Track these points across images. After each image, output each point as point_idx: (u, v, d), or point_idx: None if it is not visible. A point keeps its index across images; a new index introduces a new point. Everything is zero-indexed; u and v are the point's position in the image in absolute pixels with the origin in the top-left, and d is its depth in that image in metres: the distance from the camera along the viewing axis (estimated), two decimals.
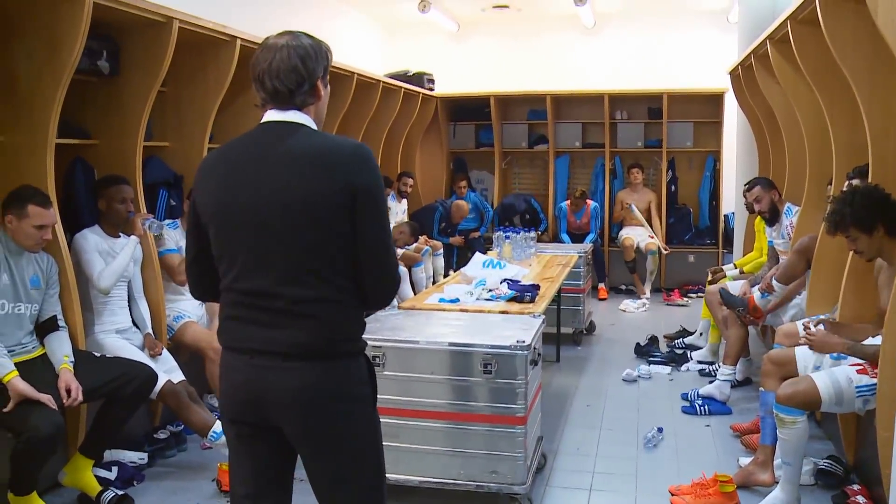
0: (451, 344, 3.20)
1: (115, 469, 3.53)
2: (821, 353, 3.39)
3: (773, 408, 3.28)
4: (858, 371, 3.15)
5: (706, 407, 4.52)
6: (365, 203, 1.84)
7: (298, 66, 1.88)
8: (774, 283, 4.36)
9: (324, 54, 1.94)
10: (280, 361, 1.87)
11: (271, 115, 1.92)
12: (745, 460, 3.69)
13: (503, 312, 3.79)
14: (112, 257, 3.72)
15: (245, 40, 4.50)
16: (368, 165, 1.87)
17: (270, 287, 1.86)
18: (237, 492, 2.04)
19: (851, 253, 3.49)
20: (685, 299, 7.90)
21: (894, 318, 2.91)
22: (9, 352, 3.11)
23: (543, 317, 3.65)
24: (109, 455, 3.63)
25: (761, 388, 3.66)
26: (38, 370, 3.18)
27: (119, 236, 3.82)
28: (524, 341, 3.14)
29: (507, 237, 5.48)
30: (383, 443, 2.10)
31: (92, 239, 3.72)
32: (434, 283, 7.29)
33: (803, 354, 3.57)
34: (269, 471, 2.01)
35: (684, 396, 4.75)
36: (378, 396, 2.03)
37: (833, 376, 3.16)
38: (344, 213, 1.83)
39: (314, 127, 1.94)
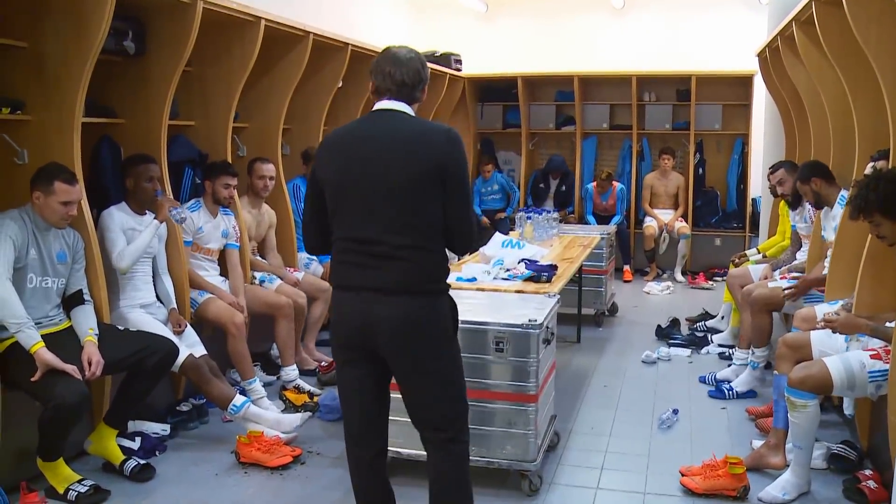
0: (464, 322, 3.21)
1: (138, 439, 3.64)
2: (846, 334, 3.36)
3: (784, 391, 3.28)
4: (872, 356, 3.14)
5: (734, 391, 4.48)
6: (453, 176, 2.38)
7: (420, 71, 2.47)
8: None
9: (427, 66, 2.53)
10: (384, 296, 2.36)
11: (383, 104, 2.46)
12: (759, 443, 3.69)
13: (519, 292, 3.82)
14: (137, 233, 3.81)
15: (269, 21, 4.56)
16: (458, 147, 2.42)
17: (376, 235, 2.36)
18: (345, 406, 2.55)
19: (870, 238, 3.47)
20: (710, 283, 7.86)
21: None
22: (36, 324, 3.21)
23: (558, 296, 3.68)
24: (133, 426, 3.74)
25: (775, 372, 3.66)
26: (64, 342, 3.28)
27: (146, 213, 3.90)
28: (536, 320, 3.18)
29: (528, 217, 5.50)
30: (396, 418, 2.65)
31: (118, 217, 3.81)
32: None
33: (819, 338, 3.56)
34: (370, 390, 2.50)
35: (702, 380, 4.76)
36: None
37: (846, 361, 3.15)
38: (437, 182, 2.36)
39: (413, 115, 2.47)
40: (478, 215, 8.67)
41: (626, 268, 8.24)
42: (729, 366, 4.87)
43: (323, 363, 4.84)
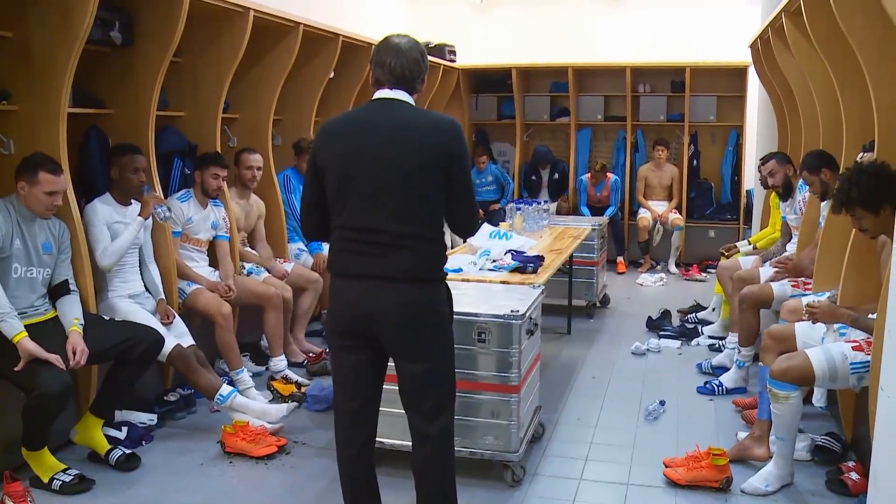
0: None
1: (124, 429, 3.65)
2: (827, 323, 3.35)
3: (767, 382, 3.29)
4: (854, 348, 3.15)
5: (723, 387, 4.46)
6: (459, 167, 2.44)
7: (420, 61, 2.49)
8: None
9: (427, 55, 2.55)
10: (386, 284, 2.41)
11: (383, 93, 2.48)
12: (744, 435, 3.69)
13: (504, 282, 3.82)
14: (123, 225, 3.81)
15: (258, 11, 4.55)
16: (462, 138, 2.48)
17: (380, 224, 2.39)
18: (339, 390, 2.58)
19: (854, 231, 3.47)
20: (703, 274, 7.85)
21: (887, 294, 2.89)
22: (22, 314, 3.23)
23: (543, 287, 3.68)
24: (120, 416, 3.75)
25: (760, 363, 3.67)
26: (50, 332, 3.30)
27: (131, 203, 3.90)
28: (518, 311, 3.18)
29: (518, 209, 5.50)
30: (385, 408, 2.67)
31: (101, 211, 3.78)
32: None
33: (803, 330, 3.57)
34: (365, 375, 2.54)
35: (699, 367, 4.80)
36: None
37: (828, 352, 3.16)
38: (440, 171, 2.40)
39: (414, 104, 2.49)
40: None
41: (620, 259, 8.24)
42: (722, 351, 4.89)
43: (311, 354, 4.85)
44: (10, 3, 3.50)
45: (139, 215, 3.84)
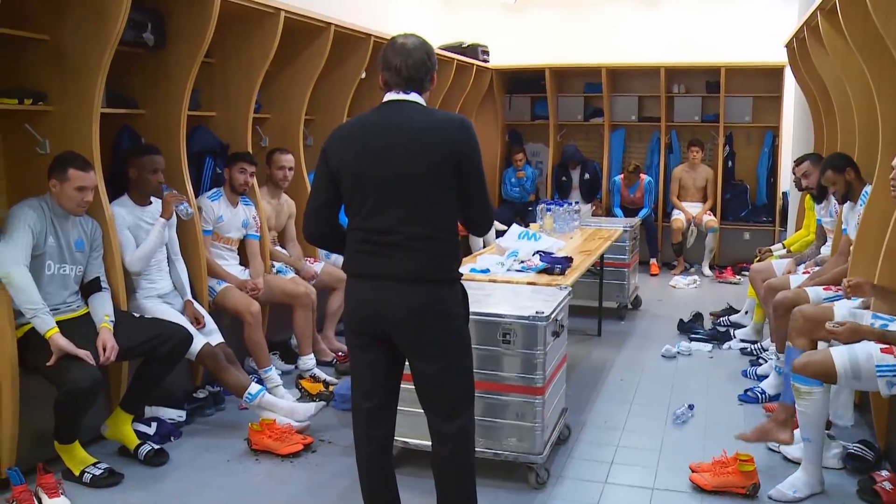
0: (474, 313, 3.19)
1: (154, 425, 3.71)
2: (850, 343, 3.14)
3: (791, 377, 3.22)
4: (883, 350, 3.04)
5: (766, 395, 4.33)
6: (470, 163, 2.44)
7: (426, 61, 2.48)
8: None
9: (434, 53, 2.55)
10: (397, 284, 2.43)
11: (393, 96, 2.48)
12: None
13: (531, 284, 3.81)
14: (140, 228, 3.84)
15: (289, 12, 4.58)
16: (471, 135, 2.47)
17: (392, 225, 2.41)
18: (355, 389, 2.62)
19: (889, 234, 3.39)
20: (737, 277, 7.73)
21: None
22: (54, 310, 3.30)
23: (570, 289, 3.66)
24: (150, 412, 3.82)
25: (788, 343, 3.58)
26: (81, 328, 3.36)
27: (150, 202, 3.93)
28: (543, 312, 3.17)
29: (548, 209, 5.47)
30: (406, 408, 2.76)
31: (120, 215, 3.79)
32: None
33: (841, 314, 3.46)
34: (380, 374, 2.57)
35: (744, 373, 4.76)
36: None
37: (852, 351, 3.05)
38: (452, 170, 2.41)
39: (425, 105, 2.50)
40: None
41: (653, 261, 8.16)
42: (750, 362, 4.82)
43: (340, 353, 4.88)
44: (46, 7, 3.58)
45: (161, 216, 3.88)
